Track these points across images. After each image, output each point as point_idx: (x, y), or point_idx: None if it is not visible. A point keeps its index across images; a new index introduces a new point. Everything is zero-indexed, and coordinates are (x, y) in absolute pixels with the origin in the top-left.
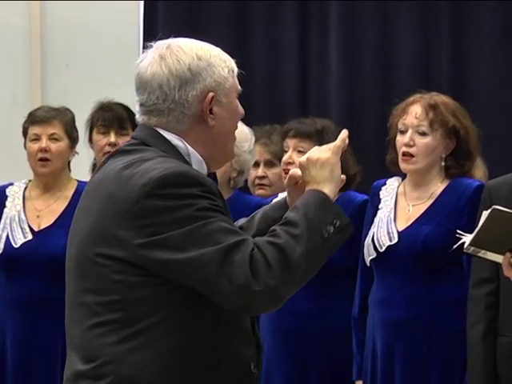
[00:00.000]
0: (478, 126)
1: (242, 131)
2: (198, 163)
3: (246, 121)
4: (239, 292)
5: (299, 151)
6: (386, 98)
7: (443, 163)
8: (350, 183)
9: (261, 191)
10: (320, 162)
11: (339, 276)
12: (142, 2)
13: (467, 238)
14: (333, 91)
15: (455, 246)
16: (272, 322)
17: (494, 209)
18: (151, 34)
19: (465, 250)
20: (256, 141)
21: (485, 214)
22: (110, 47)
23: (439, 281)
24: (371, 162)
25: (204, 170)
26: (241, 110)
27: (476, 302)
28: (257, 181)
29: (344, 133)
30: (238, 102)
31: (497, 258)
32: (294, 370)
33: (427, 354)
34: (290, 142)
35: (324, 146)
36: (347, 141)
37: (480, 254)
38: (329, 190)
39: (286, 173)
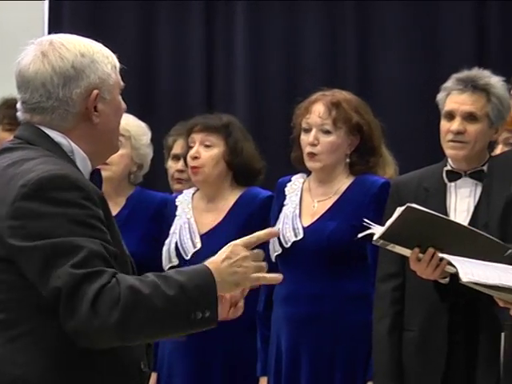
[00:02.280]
0: (384, 126)
1: (139, 125)
2: (81, 160)
3: (152, 117)
4: (76, 322)
5: (206, 145)
6: (291, 96)
7: (348, 160)
8: (255, 178)
9: (178, 186)
10: (241, 258)
11: None
12: (46, 2)
13: (376, 230)
14: (239, 89)
15: (361, 235)
16: None
17: (408, 206)
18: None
19: (373, 242)
20: (179, 135)
21: (399, 210)
22: (14, 47)
23: (344, 276)
24: (277, 159)
25: (88, 166)
26: (123, 105)
27: (382, 296)
28: (176, 175)
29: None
30: (120, 97)
31: (405, 251)
32: (196, 367)
33: (332, 348)
34: (197, 137)
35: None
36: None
37: (388, 247)
38: (218, 283)
39: (193, 168)
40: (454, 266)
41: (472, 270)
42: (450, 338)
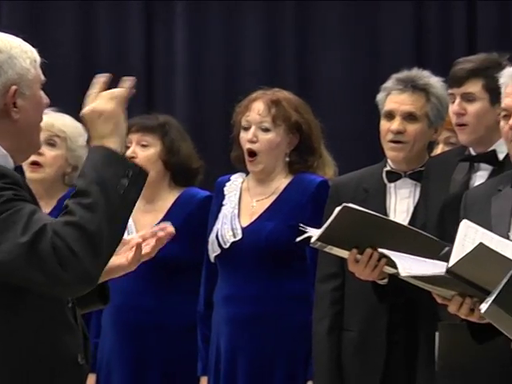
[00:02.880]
0: (324, 126)
1: (75, 126)
2: (2, 157)
3: None
4: (52, 283)
5: (142, 145)
6: (232, 96)
7: (287, 159)
8: (193, 178)
9: None
10: (105, 115)
11: (183, 271)
12: None
13: (314, 232)
14: (179, 89)
15: (299, 239)
16: (113, 316)
17: (345, 206)
18: None
19: (311, 245)
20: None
21: (336, 210)
22: None
23: (283, 276)
24: (217, 159)
25: (10, 163)
26: (45, 99)
27: (322, 297)
28: None
29: (129, 80)
30: (41, 92)
31: (343, 253)
32: (134, 366)
33: (272, 348)
34: (133, 137)
35: (108, 94)
36: (132, 90)
37: (326, 249)
38: (114, 143)
39: None
40: (392, 266)
41: (411, 265)
42: (389, 338)
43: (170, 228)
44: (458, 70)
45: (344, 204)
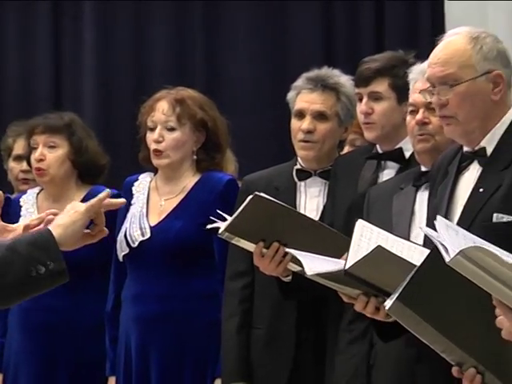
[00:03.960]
0: (234, 125)
1: None
2: None
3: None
4: None
5: (50, 146)
6: (140, 95)
7: (195, 156)
8: (101, 174)
9: (25, 186)
10: (72, 209)
11: (91, 271)
12: None
13: (223, 224)
14: (87, 88)
15: (209, 227)
16: (21, 316)
17: (256, 195)
18: None
19: (219, 235)
20: (18, 135)
21: (247, 200)
22: None
23: (192, 275)
24: (125, 158)
25: None
26: None
27: (231, 294)
28: (21, 175)
29: (104, 193)
30: None
31: (249, 246)
32: (42, 366)
33: (181, 347)
34: (39, 139)
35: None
36: (107, 201)
37: (233, 241)
38: (60, 235)
39: (38, 169)
40: (297, 264)
41: (316, 264)
42: (297, 335)
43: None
44: (364, 69)
45: (255, 193)
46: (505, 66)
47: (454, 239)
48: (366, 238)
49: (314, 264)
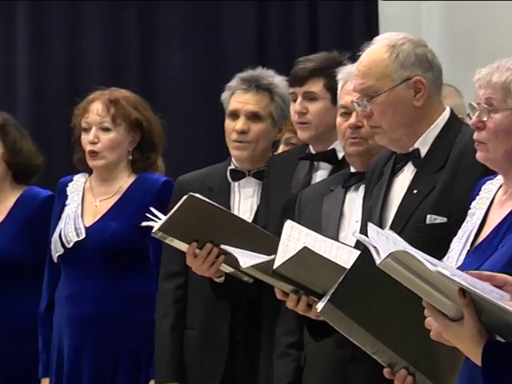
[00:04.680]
0: (167, 125)
1: None
2: None
3: None
4: None
5: None
6: (74, 96)
7: (130, 157)
8: (35, 174)
9: None
10: None
11: (24, 272)
12: None
13: (157, 223)
14: (21, 89)
15: (144, 224)
16: None
17: (190, 195)
18: None
19: (152, 235)
20: None
21: (182, 199)
22: None
23: (127, 276)
24: (59, 159)
25: None
26: None
27: (165, 295)
28: None
29: None
30: None
31: (182, 246)
32: None
33: (116, 348)
34: None
35: None
36: None
37: (167, 241)
38: None
39: None
40: (230, 265)
41: (251, 259)
42: (231, 336)
43: None
44: (299, 69)
45: (190, 193)
46: (426, 70)
47: (384, 244)
48: (294, 238)
49: (249, 258)
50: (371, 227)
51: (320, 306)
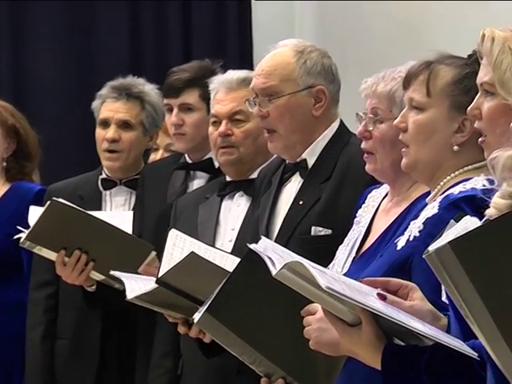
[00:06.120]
0: (38, 131)
1: None
2: None
3: None
4: None
5: None
6: None
7: (5, 163)
8: None
9: None
10: None
11: None
12: None
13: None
14: None
15: (16, 237)
16: None
17: (53, 200)
18: None
19: (20, 245)
20: None
21: (46, 205)
22: None
23: (0, 287)
24: None
25: None
26: None
27: (35, 304)
28: None
29: None
30: None
31: (51, 255)
32: None
33: None
34: None
35: None
36: None
37: (35, 250)
38: None
39: None
40: (101, 273)
41: (139, 286)
42: (102, 346)
43: None
44: (174, 80)
45: (53, 198)
46: (330, 81)
47: (276, 256)
48: (178, 247)
49: (138, 286)
50: (264, 239)
51: (197, 316)
